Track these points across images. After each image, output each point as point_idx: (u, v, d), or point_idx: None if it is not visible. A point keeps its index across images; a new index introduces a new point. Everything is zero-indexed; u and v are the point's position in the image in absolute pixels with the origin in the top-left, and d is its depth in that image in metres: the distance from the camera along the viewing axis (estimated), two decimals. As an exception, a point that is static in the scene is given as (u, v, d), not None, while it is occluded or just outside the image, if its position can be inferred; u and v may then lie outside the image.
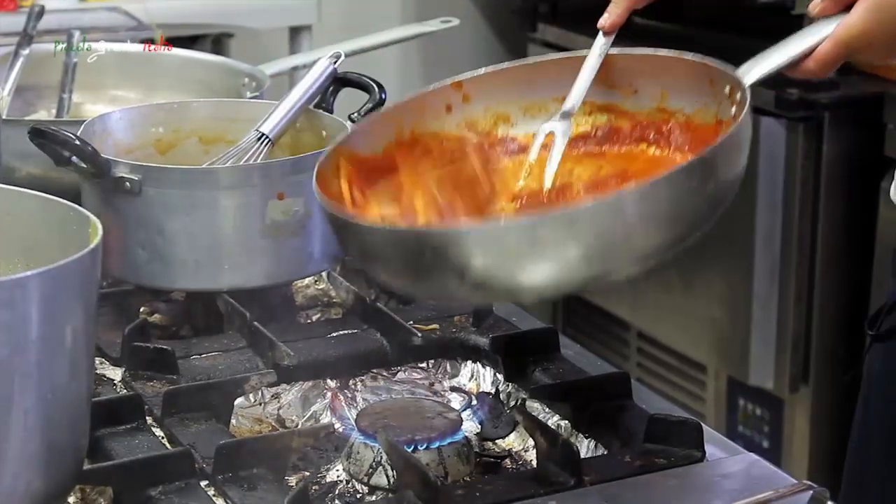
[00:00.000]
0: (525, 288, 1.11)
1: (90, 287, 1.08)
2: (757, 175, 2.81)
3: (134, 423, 1.28)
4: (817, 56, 1.23)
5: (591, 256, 1.09)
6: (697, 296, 3.02)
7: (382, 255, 1.13)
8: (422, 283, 1.14)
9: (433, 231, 1.15)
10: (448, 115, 1.34)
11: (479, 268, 1.08)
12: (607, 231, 1.08)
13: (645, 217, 1.09)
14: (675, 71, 1.29)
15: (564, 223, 1.08)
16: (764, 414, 2.97)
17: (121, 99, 1.97)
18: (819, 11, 1.24)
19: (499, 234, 1.09)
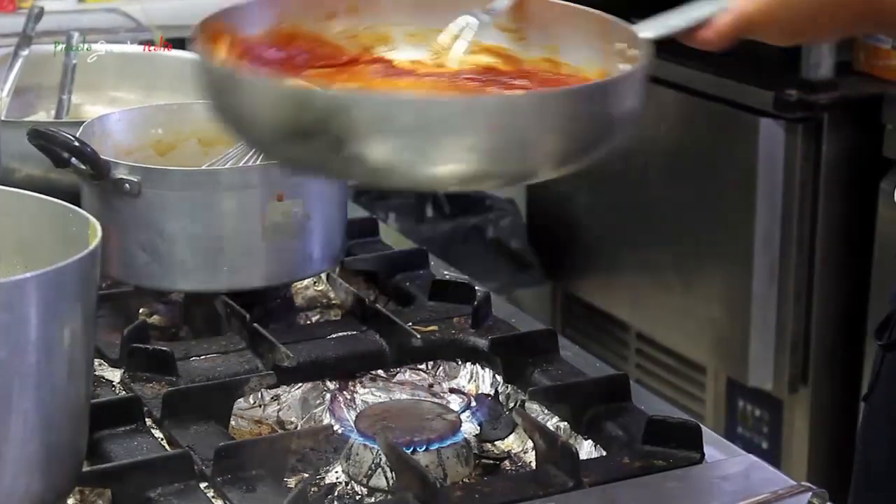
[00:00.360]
0: (398, 170, 1.07)
1: (89, 289, 1.08)
2: (756, 176, 2.81)
3: (133, 425, 1.28)
4: (716, 25, 1.20)
5: (476, 152, 1.06)
6: (696, 297, 3.02)
7: (260, 114, 1.09)
8: (294, 147, 1.08)
9: (322, 92, 1.11)
10: (329, 21, 1.29)
11: (358, 140, 1.04)
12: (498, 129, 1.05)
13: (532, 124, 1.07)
14: (570, 23, 1.26)
15: (459, 110, 1.05)
16: (763, 415, 2.97)
17: (120, 100, 1.96)
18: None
19: (390, 106, 1.05)
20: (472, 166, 1.07)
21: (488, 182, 1.13)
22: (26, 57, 1.94)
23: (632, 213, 3.20)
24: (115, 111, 1.66)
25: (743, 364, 2.92)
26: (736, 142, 2.88)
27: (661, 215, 3.11)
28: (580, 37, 1.25)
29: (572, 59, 1.25)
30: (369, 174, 1.08)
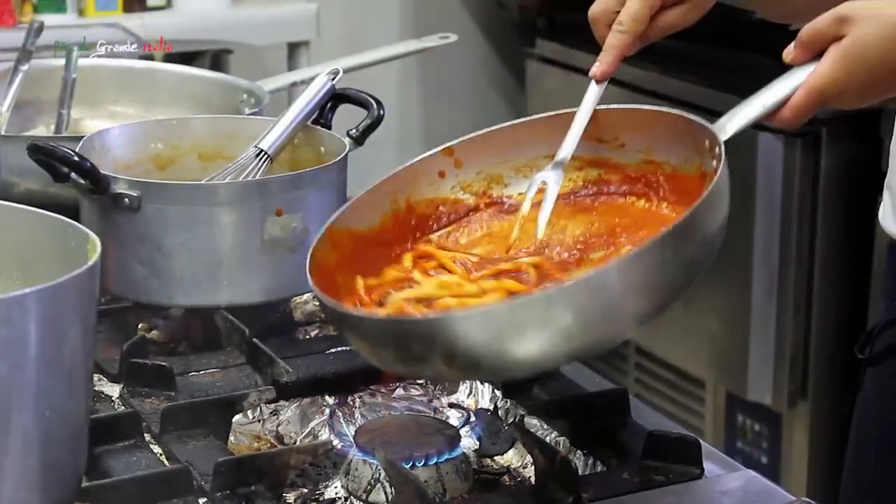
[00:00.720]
0: (512, 366, 1.13)
1: (89, 304, 1.08)
2: (755, 190, 2.81)
3: (132, 440, 1.28)
4: (792, 105, 1.23)
5: (573, 333, 1.11)
6: (695, 311, 3.02)
7: (373, 343, 1.16)
8: (414, 367, 1.17)
9: (417, 320, 1.17)
10: (442, 180, 1.37)
11: (465, 352, 1.10)
12: (587, 308, 1.10)
13: (625, 290, 1.11)
14: (658, 125, 1.31)
15: (543, 304, 1.10)
16: (762, 429, 2.97)
17: (120, 115, 1.97)
18: (792, 59, 1.25)
19: (479, 319, 1.11)
20: (569, 346, 1.12)
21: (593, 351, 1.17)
22: (26, 72, 1.94)
23: (631, 228, 3.20)
24: (114, 126, 1.66)
25: (742, 378, 2.92)
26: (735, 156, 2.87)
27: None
28: (669, 137, 1.30)
29: (668, 157, 1.30)
30: (487, 373, 1.20)
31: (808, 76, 1.23)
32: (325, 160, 1.57)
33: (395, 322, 1.17)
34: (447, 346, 1.10)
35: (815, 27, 1.23)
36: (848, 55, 1.21)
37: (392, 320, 1.18)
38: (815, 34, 1.23)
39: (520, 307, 1.11)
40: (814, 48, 1.23)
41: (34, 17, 2.83)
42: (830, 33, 1.22)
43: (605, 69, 1.36)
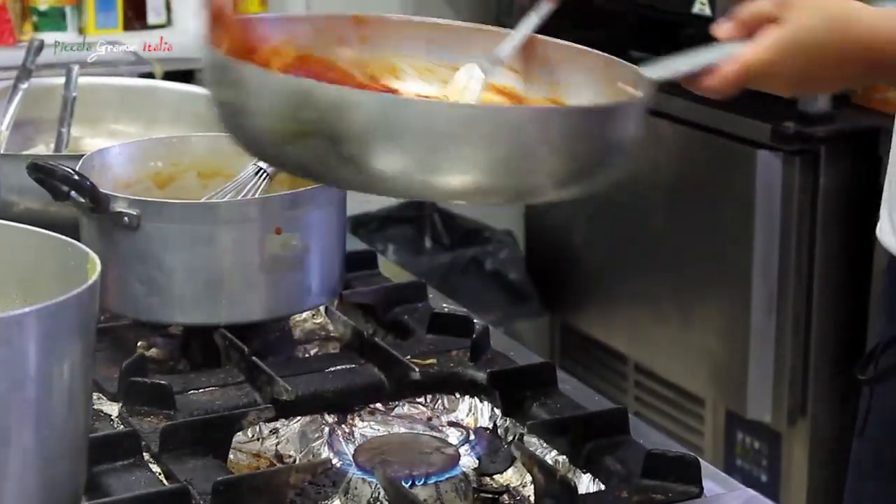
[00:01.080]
0: (396, 177, 1.06)
1: (88, 323, 1.08)
2: (754, 208, 2.81)
3: (131, 459, 1.28)
4: (721, 73, 1.21)
5: (474, 163, 1.06)
6: (695, 328, 3.02)
7: (263, 109, 1.08)
8: (293, 146, 1.08)
9: (329, 87, 1.09)
10: (340, 47, 1.29)
11: (357, 138, 1.04)
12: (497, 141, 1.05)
13: (532, 139, 1.07)
14: (577, 62, 1.28)
15: (461, 117, 1.05)
16: (762, 447, 2.97)
17: (120, 133, 1.97)
18: (724, 34, 1.23)
19: (394, 106, 1.06)
20: (472, 178, 1.07)
21: (487, 197, 1.12)
22: (26, 90, 1.94)
23: (630, 245, 3.20)
24: (114, 144, 1.66)
25: (741, 396, 2.92)
26: (734, 174, 2.88)
27: (659, 247, 3.11)
28: (585, 77, 1.26)
29: (577, 98, 1.26)
30: (366, 181, 1.07)
31: (744, 50, 1.21)
32: (324, 178, 1.57)
33: (305, 83, 1.10)
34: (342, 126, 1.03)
35: (754, 7, 1.22)
36: (787, 40, 1.20)
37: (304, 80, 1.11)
38: (753, 14, 1.22)
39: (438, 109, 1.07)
40: (749, 27, 1.22)
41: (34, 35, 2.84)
42: (769, 14, 1.21)
43: None
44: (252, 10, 3.26)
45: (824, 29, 1.20)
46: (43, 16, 2.95)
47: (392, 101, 1.09)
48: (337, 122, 1.04)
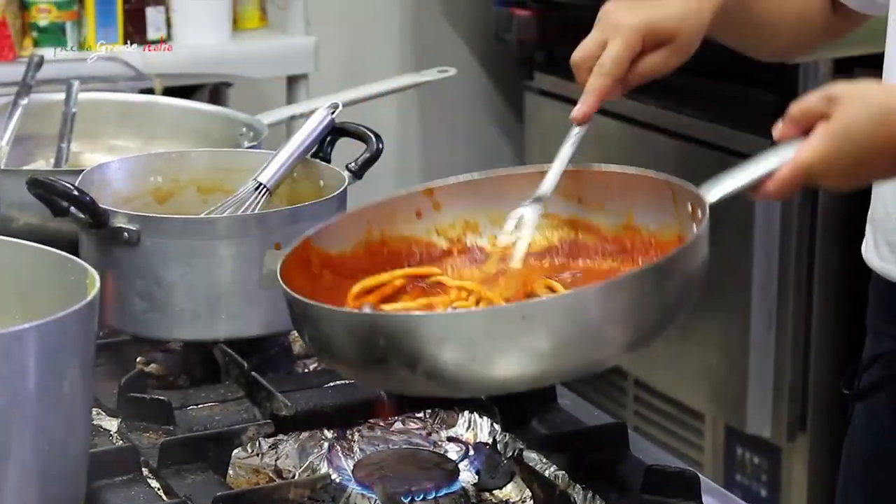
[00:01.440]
0: (478, 380, 1.13)
1: (88, 339, 1.08)
2: (753, 222, 2.81)
3: (130, 475, 1.28)
4: (777, 178, 1.24)
5: (543, 353, 1.11)
6: (694, 343, 3.02)
7: (339, 342, 1.16)
8: (375, 371, 1.15)
9: (387, 316, 1.18)
10: (418, 220, 1.38)
11: (430, 357, 1.10)
12: (560, 328, 1.11)
13: (599, 317, 1.12)
14: (641, 187, 1.33)
15: (515, 317, 1.11)
16: (762, 462, 2.97)
17: (119, 148, 1.97)
18: (780, 135, 1.26)
19: (449, 323, 1.12)
20: (540, 367, 1.12)
21: (564, 377, 1.17)
22: (26, 106, 1.94)
23: (629, 260, 3.20)
24: (114, 159, 1.67)
25: (741, 411, 2.92)
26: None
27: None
28: (651, 201, 1.31)
29: (648, 222, 1.32)
30: (449, 387, 1.14)
31: (796, 151, 1.23)
32: (324, 194, 1.57)
33: (364, 316, 1.18)
34: (410, 349, 1.10)
35: (804, 105, 1.25)
36: (836, 134, 1.22)
37: (362, 314, 1.19)
38: (805, 111, 1.25)
39: (490, 316, 1.12)
40: (802, 125, 1.24)
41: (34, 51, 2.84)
42: (819, 111, 1.24)
43: (586, 111, 1.38)
44: (251, 26, 3.26)
45: (874, 121, 1.22)
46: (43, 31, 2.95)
47: (450, 317, 1.16)
48: (406, 347, 1.11)
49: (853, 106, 1.22)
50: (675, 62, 1.41)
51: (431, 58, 3.36)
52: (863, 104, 1.23)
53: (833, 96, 1.23)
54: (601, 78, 1.38)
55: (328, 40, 3.38)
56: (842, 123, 1.22)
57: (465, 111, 3.84)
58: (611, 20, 1.39)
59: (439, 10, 3.78)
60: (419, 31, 3.76)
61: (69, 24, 2.97)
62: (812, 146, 1.22)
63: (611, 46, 1.38)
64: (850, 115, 1.22)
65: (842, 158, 1.22)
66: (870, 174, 1.27)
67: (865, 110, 1.22)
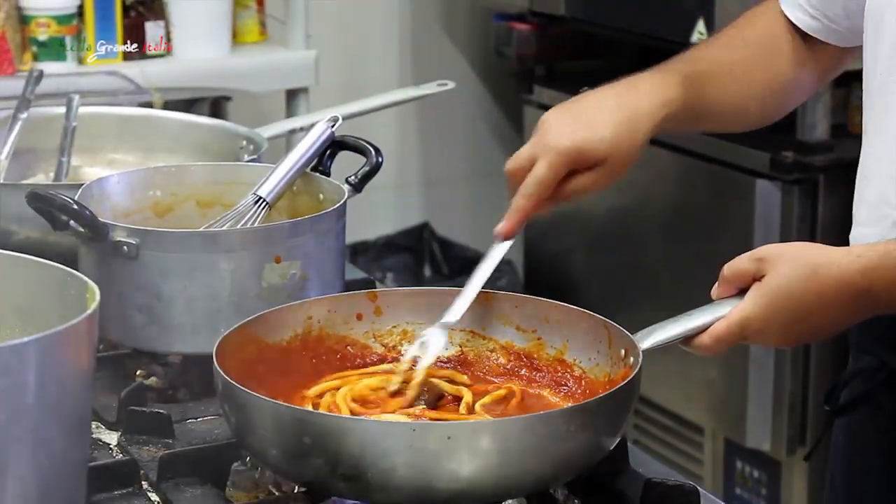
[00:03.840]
0: (393, 489, 1.15)
1: (87, 352, 1.08)
2: (752, 237, 2.81)
3: (130, 488, 1.28)
4: (712, 332, 1.29)
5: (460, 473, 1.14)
6: (694, 357, 3.00)
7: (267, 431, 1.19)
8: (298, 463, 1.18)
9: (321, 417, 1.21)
10: (357, 322, 1.42)
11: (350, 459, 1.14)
12: (483, 453, 1.15)
13: (515, 448, 1.15)
14: (578, 325, 1.37)
15: (443, 436, 1.14)
16: (761, 476, 2.96)
17: (119, 162, 1.97)
18: (716, 296, 1.31)
19: (374, 430, 1.16)
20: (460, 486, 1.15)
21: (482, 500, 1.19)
22: (25, 120, 1.95)
23: (629, 274, 3.20)
24: (113, 173, 1.67)
25: (741, 425, 2.91)
26: (733, 203, 2.88)
27: (657, 276, 3.11)
28: (586, 339, 1.36)
29: (580, 359, 1.36)
30: (364, 492, 1.17)
31: (732, 309, 1.28)
32: (323, 207, 1.57)
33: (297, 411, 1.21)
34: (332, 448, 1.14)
35: (735, 266, 1.30)
36: (767, 294, 1.27)
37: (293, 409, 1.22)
38: (736, 272, 1.30)
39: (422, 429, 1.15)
40: (735, 285, 1.29)
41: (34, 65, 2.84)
42: (750, 272, 1.28)
43: (510, 228, 1.42)
44: (251, 41, 3.27)
45: (803, 277, 1.26)
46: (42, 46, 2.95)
47: (379, 426, 1.19)
48: (332, 447, 1.15)
49: (783, 265, 1.27)
50: (606, 182, 1.46)
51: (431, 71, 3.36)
52: (792, 263, 1.27)
53: (762, 257, 1.28)
54: (524, 199, 1.42)
55: (328, 54, 3.38)
56: (774, 283, 1.26)
57: (464, 124, 3.84)
58: (543, 138, 1.43)
59: (439, 24, 3.78)
60: (419, 45, 3.76)
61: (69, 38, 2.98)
62: (748, 304, 1.27)
63: (537, 167, 1.41)
64: (782, 274, 1.26)
65: (778, 316, 1.27)
66: (806, 330, 1.30)
67: (794, 268, 1.26)
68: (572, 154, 1.41)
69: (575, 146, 1.41)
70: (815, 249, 1.29)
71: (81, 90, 2.13)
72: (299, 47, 3.25)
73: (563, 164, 1.41)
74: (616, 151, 1.43)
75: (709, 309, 1.30)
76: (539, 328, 1.39)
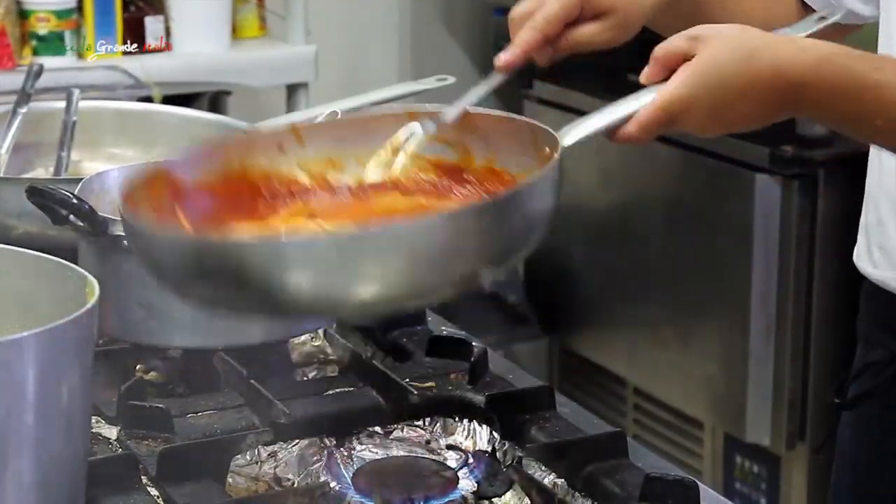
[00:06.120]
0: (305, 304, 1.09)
1: (87, 346, 1.08)
2: (752, 232, 2.82)
3: (129, 483, 1.28)
4: (637, 119, 1.21)
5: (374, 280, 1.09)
6: (694, 352, 3.02)
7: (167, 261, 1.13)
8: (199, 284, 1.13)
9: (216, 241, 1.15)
10: (280, 155, 1.33)
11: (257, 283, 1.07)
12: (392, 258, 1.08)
13: (431, 248, 1.09)
14: (504, 132, 1.30)
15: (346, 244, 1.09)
16: (761, 471, 2.97)
17: (119, 157, 1.97)
18: (646, 78, 1.24)
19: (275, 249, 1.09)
20: (376, 294, 1.09)
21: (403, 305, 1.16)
22: (25, 114, 1.95)
23: (629, 269, 3.20)
24: (113, 168, 1.66)
25: (740, 420, 2.92)
26: (732, 198, 2.88)
27: (658, 271, 3.11)
28: (515, 145, 1.28)
29: (510, 165, 1.28)
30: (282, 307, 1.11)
31: (658, 92, 1.21)
32: (323, 202, 1.57)
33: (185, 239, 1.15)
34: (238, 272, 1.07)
35: (667, 45, 1.23)
36: (696, 73, 1.20)
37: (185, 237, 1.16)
38: (668, 52, 1.22)
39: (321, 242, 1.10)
40: (667, 66, 1.22)
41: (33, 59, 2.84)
42: (682, 51, 1.21)
43: (510, 59, 1.39)
44: (251, 36, 3.27)
45: (736, 58, 1.20)
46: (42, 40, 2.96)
47: (278, 244, 1.12)
48: (234, 269, 1.08)
49: (718, 44, 1.20)
50: (610, 38, 1.39)
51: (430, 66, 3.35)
52: (728, 42, 1.20)
53: (697, 35, 1.21)
54: (530, 31, 1.37)
55: (328, 49, 3.38)
56: (705, 61, 1.20)
57: (464, 120, 3.84)
58: None
59: (438, 19, 3.78)
60: (418, 40, 3.76)
61: (68, 32, 2.98)
62: (674, 85, 1.20)
63: (547, 4, 1.36)
64: (715, 53, 1.20)
65: (705, 97, 1.20)
66: (734, 117, 1.23)
67: (730, 48, 1.20)
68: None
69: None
70: (755, 32, 1.22)
71: (81, 85, 2.13)
72: (299, 42, 3.25)
73: (574, 4, 1.36)
74: (624, 3, 1.38)
75: (634, 96, 1.22)
76: (467, 140, 1.32)
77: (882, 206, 1.51)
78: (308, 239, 1.13)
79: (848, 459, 1.56)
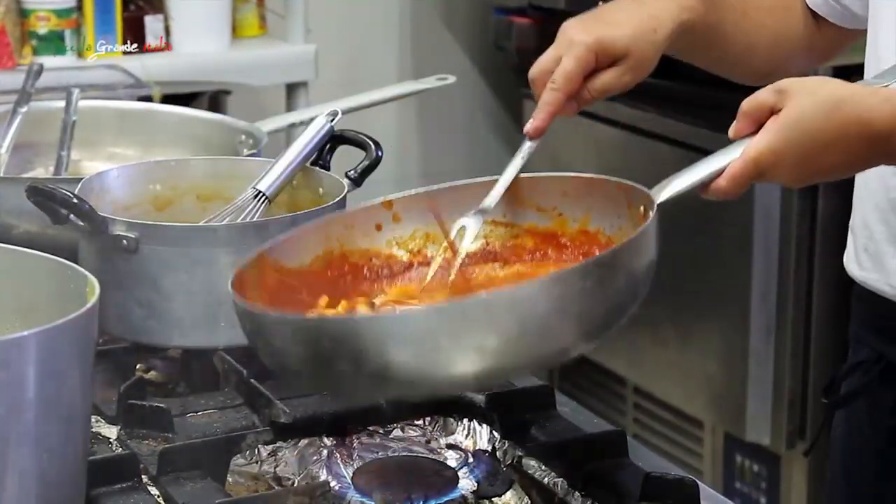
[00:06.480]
0: (418, 379, 1.12)
1: (87, 346, 1.08)
2: (752, 232, 2.81)
3: (129, 482, 1.28)
4: (728, 174, 1.24)
5: (485, 348, 1.11)
6: (694, 352, 3.02)
7: (287, 347, 1.16)
8: (324, 372, 1.15)
9: (329, 319, 1.19)
10: (377, 233, 1.38)
11: (372, 357, 1.10)
12: (501, 324, 1.11)
13: (537, 312, 1.12)
14: (595, 193, 1.34)
15: (456, 315, 1.11)
16: (761, 470, 2.97)
17: (119, 156, 1.97)
18: (735, 133, 1.26)
19: (389, 323, 1.12)
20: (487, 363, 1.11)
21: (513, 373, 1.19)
22: (25, 114, 1.95)
23: (629, 268, 3.20)
24: (113, 167, 1.67)
25: (740, 419, 2.92)
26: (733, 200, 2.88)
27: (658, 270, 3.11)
28: (607, 205, 1.32)
29: (603, 226, 1.33)
30: (397, 387, 1.14)
31: (746, 146, 1.24)
32: (323, 201, 1.57)
33: (308, 320, 1.18)
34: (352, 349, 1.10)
35: (754, 100, 1.25)
36: (784, 126, 1.22)
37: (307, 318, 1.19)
38: (755, 107, 1.25)
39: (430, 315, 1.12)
40: (755, 120, 1.25)
41: (34, 59, 2.84)
42: (768, 105, 1.24)
43: (538, 125, 1.42)
44: (251, 35, 3.27)
45: (824, 111, 1.22)
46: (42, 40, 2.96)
47: (392, 319, 1.15)
48: (351, 347, 1.10)
49: (803, 96, 1.22)
50: (630, 80, 1.43)
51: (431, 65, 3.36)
52: (813, 95, 1.23)
53: (783, 89, 1.23)
54: (552, 93, 1.42)
55: (328, 48, 3.38)
56: (792, 114, 1.22)
57: (464, 119, 3.84)
58: (565, 36, 1.42)
59: (439, 18, 3.78)
60: (418, 39, 3.76)
61: (68, 32, 2.98)
62: (762, 138, 1.23)
63: (563, 62, 1.41)
64: (801, 105, 1.22)
65: (792, 149, 1.22)
66: (822, 167, 1.26)
67: (816, 101, 1.22)
68: (595, 46, 1.39)
69: (597, 39, 1.39)
70: (838, 83, 1.24)
71: (81, 84, 2.13)
72: (299, 41, 3.25)
73: (588, 57, 1.39)
74: (637, 46, 1.41)
75: (724, 151, 1.25)
76: (558, 204, 1.36)
77: (867, 208, 1.52)
78: (422, 312, 1.16)
79: (840, 458, 1.57)
